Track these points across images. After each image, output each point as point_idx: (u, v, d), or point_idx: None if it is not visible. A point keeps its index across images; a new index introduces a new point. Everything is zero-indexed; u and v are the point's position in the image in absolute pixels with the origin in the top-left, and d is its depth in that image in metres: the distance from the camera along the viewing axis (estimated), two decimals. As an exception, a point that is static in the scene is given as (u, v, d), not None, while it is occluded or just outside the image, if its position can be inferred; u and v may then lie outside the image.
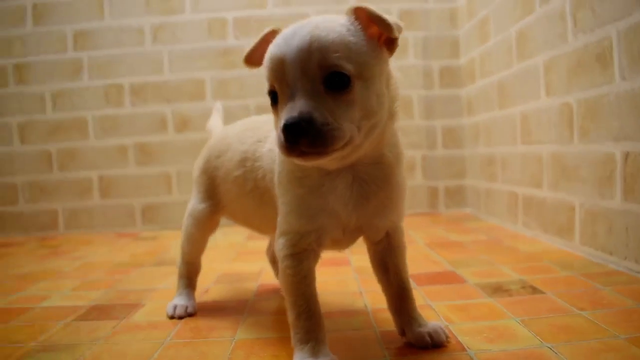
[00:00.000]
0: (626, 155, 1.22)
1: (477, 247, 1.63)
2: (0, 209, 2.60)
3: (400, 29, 0.71)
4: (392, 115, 0.77)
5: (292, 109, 0.67)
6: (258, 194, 0.94)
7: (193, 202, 1.15)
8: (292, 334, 0.80)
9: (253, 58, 0.81)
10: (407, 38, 2.50)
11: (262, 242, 1.96)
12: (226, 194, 1.05)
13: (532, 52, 1.69)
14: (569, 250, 1.49)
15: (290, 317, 0.80)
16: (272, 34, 0.77)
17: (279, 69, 0.70)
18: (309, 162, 0.72)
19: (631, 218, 1.21)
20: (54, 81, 2.58)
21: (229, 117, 1.36)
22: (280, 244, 0.82)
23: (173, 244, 2.06)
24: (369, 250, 0.91)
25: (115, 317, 1.13)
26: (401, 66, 2.45)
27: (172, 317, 1.10)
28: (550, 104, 1.58)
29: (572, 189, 1.48)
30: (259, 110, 2.50)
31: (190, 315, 1.11)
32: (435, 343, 0.84)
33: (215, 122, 1.30)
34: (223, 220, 1.17)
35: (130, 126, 2.56)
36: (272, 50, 0.72)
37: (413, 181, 2.52)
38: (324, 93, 0.68)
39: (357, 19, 0.72)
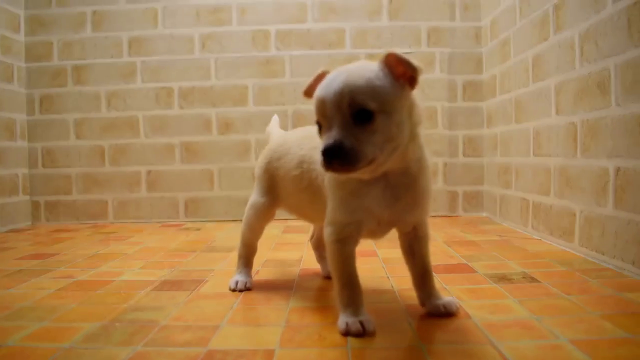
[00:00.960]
0: (617, 170, 1.44)
1: (489, 246, 1.85)
2: (56, 197, 2.88)
3: (422, 71, 0.93)
4: (413, 137, 0.99)
5: (329, 137, 0.91)
6: (311, 191, 1.16)
7: (255, 196, 1.38)
8: (337, 300, 1.03)
9: (310, 92, 1.03)
10: (434, 53, 2.72)
11: (297, 235, 2.21)
12: (284, 190, 1.29)
13: (545, 75, 1.91)
14: (569, 251, 1.70)
15: (336, 287, 1.04)
16: (323, 75, 1.00)
17: (322, 107, 0.93)
18: (342, 176, 0.98)
19: (620, 223, 1.43)
20: (109, 82, 2.84)
21: (269, 122, 1.60)
22: (328, 231, 1.05)
23: (218, 235, 2.31)
24: (400, 238, 1.14)
25: (186, 288, 1.37)
26: (427, 80, 2.67)
27: (234, 290, 1.33)
28: (559, 122, 1.80)
29: (574, 197, 1.69)
30: (296, 115, 2.75)
31: (248, 289, 1.34)
32: (448, 312, 1.07)
33: (274, 129, 1.53)
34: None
35: (177, 126, 2.82)
36: (318, 92, 0.95)
37: (435, 185, 2.74)
38: (353, 125, 0.91)
39: (386, 63, 0.95)
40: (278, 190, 1.31)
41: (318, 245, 1.50)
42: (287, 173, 1.24)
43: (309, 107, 2.66)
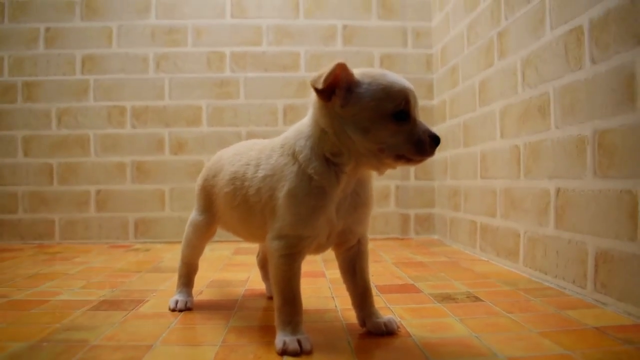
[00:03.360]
0: (558, 191, 1.47)
1: (437, 267, 1.86)
2: (0, 216, 2.77)
3: None
4: None
5: (428, 128, 0.97)
6: (245, 207, 1.13)
7: (194, 214, 1.36)
8: (276, 317, 1.01)
9: (327, 81, 0.94)
10: (387, 78, 2.76)
11: (245, 257, 2.18)
12: (219, 207, 1.26)
13: (491, 99, 1.96)
14: (514, 271, 1.73)
15: (277, 303, 1.02)
16: (344, 66, 0.95)
17: (410, 97, 0.96)
18: (417, 164, 1.01)
19: (560, 243, 1.46)
20: (60, 100, 2.78)
21: (223, 143, 1.57)
22: (276, 245, 1.02)
23: (166, 256, 2.26)
24: (339, 257, 1.13)
25: (124, 308, 1.33)
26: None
27: (173, 310, 1.30)
28: (503, 145, 1.84)
29: (518, 218, 1.73)
30: (250, 136, 2.73)
31: (188, 309, 1.31)
32: (389, 331, 1.07)
33: None
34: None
35: (129, 145, 2.77)
36: (401, 84, 0.97)
37: (387, 208, 2.77)
38: None
39: None
40: (214, 207, 1.29)
41: (264, 264, 1.48)
42: (221, 190, 1.22)
43: (263, 128, 2.68)
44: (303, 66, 2.78)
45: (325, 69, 0.95)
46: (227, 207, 1.20)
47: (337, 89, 0.96)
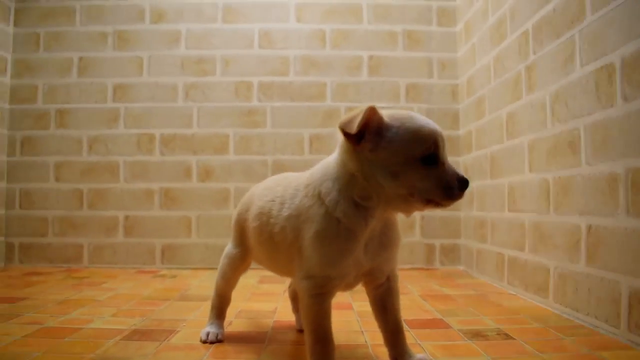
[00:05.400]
0: (589, 228, 1.46)
1: (465, 300, 1.85)
2: (30, 240, 2.83)
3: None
4: None
5: (457, 171, 0.96)
6: (271, 243, 1.14)
7: (229, 246, 1.38)
8: (308, 356, 1.02)
9: (360, 126, 0.93)
10: (412, 109, 2.79)
11: (271, 286, 2.19)
12: (251, 240, 1.27)
13: (519, 133, 1.96)
14: (544, 307, 1.71)
15: (309, 342, 1.02)
16: (374, 111, 0.94)
17: (439, 140, 0.95)
18: (446, 207, 0.98)
19: (593, 281, 1.45)
20: (92, 127, 2.85)
21: (249, 171, 1.58)
22: (306, 284, 1.02)
23: (193, 283, 2.28)
24: (370, 294, 1.13)
25: (156, 339, 1.34)
26: (406, 133, 2.71)
27: (204, 342, 1.31)
28: (532, 179, 1.84)
29: (548, 253, 1.71)
30: (276, 165, 2.76)
31: (219, 341, 1.32)
32: (422, 369, 1.06)
33: None
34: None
35: (158, 172, 2.81)
36: (429, 127, 0.95)
37: (412, 238, 2.76)
38: None
39: None
40: (247, 241, 1.30)
41: (295, 296, 1.48)
42: (250, 224, 1.24)
43: (289, 157, 2.72)
44: (329, 96, 2.81)
45: (356, 111, 0.94)
46: (256, 241, 1.22)
47: (367, 133, 0.94)
